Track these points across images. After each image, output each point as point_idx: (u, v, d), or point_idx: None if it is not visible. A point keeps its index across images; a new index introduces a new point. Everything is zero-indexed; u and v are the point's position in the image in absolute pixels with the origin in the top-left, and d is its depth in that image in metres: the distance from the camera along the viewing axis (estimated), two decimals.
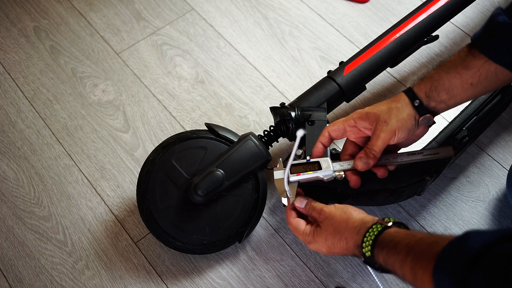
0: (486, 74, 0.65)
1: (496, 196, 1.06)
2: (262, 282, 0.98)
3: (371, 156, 0.74)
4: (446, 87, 0.68)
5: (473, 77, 0.66)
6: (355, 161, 0.77)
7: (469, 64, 0.65)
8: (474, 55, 0.65)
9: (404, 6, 1.35)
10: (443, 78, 0.68)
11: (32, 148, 1.14)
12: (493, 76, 0.65)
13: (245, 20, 1.34)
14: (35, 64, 1.27)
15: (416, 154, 0.78)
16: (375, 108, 0.73)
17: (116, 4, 1.37)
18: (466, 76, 0.66)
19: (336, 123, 0.77)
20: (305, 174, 0.79)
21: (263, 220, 1.04)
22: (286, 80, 1.23)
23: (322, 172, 0.79)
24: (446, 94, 0.68)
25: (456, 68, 0.67)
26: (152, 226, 0.95)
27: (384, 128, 0.71)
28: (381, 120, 0.72)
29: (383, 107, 0.73)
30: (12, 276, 0.99)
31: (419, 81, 0.72)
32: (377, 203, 1.03)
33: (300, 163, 0.81)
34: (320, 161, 0.80)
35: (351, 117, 0.75)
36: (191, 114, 1.19)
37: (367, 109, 0.74)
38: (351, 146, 0.79)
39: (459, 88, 0.67)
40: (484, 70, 0.64)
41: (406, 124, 0.72)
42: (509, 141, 1.13)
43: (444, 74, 0.68)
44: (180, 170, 0.97)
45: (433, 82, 0.69)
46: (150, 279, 0.98)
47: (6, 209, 1.06)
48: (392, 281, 0.97)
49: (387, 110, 0.72)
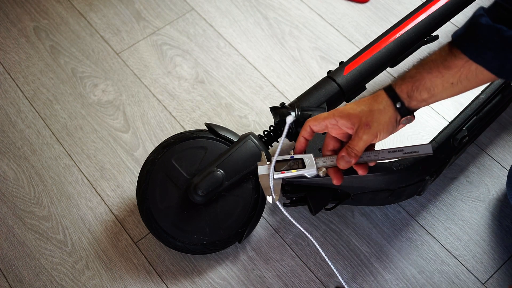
0: (467, 74, 0.66)
1: (496, 196, 1.06)
2: (262, 282, 0.98)
3: (353, 155, 0.75)
4: (427, 87, 0.69)
5: (454, 76, 0.67)
6: (337, 160, 0.77)
7: (450, 64, 0.66)
8: (455, 55, 0.66)
9: (404, 6, 1.35)
10: (424, 78, 0.69)
11: (32, 148, 1.14)
12: (473, 76, 0.66)
13: (245, 20, 1.34)
14: (35, 64, 1.27)
15: (397, 151, 0.78)
16: (357, 108, 0.74)
17: (116, 4, 1.37)
18: (447, 76, 0.67)
19: (318, 118, 0.78)
20: (289, 172, 0.80)
21: (263, 220, 1.04)
22: (286, 80, 1.23)
23: (306, 170, 0.80)
24: (427, 93, 0.70)
25: (437, 68, 0.68)
26: (152, 226, 0.95)
27: (367, 131, 0.72)
28: (363, 122, 0.73)
29: (364, 108, 0.73)
30: (12, 276, 0.99)
31: (400, 81, 0.72)
32: (377, 203, 1.03)
33: (284, 159, 0.81)
34: (304, 158, 0.80)
35: (332, 115, 0.76)
36: (191, 114, 1.19)
37: (349, 108, 0.74)
38: (332, 142, 0.79)
39: (440, 87, 0.68)
40: (465, 70, 0.65)
41: (388, 127, 0.73)
42: (509, 141, 1.13)
43: (426, 73, 0.69)
44: (180, 170, 0.97)
45: (415, 82, 0.70)
46: (150, 279, 0.98)
47: (6, 209, 1.06)
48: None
49: (369, 112, 0.73)
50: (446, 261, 0.99)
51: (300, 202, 1.00)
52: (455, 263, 0.99)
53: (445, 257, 1.00)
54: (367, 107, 0.73)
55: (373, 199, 0.98)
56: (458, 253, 1.00)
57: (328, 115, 0.76)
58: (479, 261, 0.99)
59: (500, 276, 0.98)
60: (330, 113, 0.76)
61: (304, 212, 1.05)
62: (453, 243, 1.01)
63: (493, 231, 1.02)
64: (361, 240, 1.02)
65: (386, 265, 0.99)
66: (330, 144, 0.80)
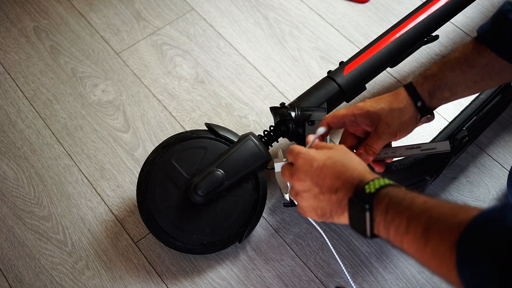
0: (490, 72, 0.64)
1: (496, 196, 1.06)
2: (262, 282, 0.98)
3: (371, 153, 0.74)
4: (449, 85, 0.67)
5: (477, 75, 0.65)
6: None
7: (473, 62, 0.64)
8: (479, 52, 0.64)
9: (404, 6, 1.35)
10: (447, 76, 0.67)
11: (32, 148, 1.14)
12: (497, 74, 0.64)
13: (245, 20, 1.34)
14: (35, 64, 1.27)
15: (414, 148, 0.77)
16: (377, 105, 0.72)
17: (116, 4, 1.37)
18: (470, 74, 0.65)
19: (336, 115, 0.76)
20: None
21: (263, 220, 1.04)
22: (286, 80, 1.23)
23: None
24: (449, 91, 0.68)
25: (460, 66, 0.66)
26: (152, 226, 0.95)
27: (386, 131, 0.71)
28: (383, 122, 0.71)
29: (384, 107, 0.72)
30: (12, 276, 0.99)
31: (422, 79, 0.70)
32: None
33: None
34: None
35: (351, 111, 0.74)
36: (191, 114, 1.19)
37: (368, 106, 0.73)
38: (350, 138, 0.78)
39: (463, 86, 0.67)
40: (489, 68, 0.64)
41: (408, 127, 0.72)
42: (509, 141, 1.13)
43: (448, 72, 0.67)
44: (180, 170, 0.97)
45: (436, 81, 0.68)
46: (150, 279, 0.98)
47: (6, 209, 1.06)
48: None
49: (389, 111, 0.71)
50: None
51: None
52: None
53: None
54: (387, 106, 0.71)
55: None
56: None
57: (347, 112, 0.74)
58: None
59: None
60: (349, 110, 0.74)
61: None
62: None
63: None
64: (361, 240, 1.02)
65: (386, 265, 0.99)
66: (348, 140, 0.78)
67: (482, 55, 0.64)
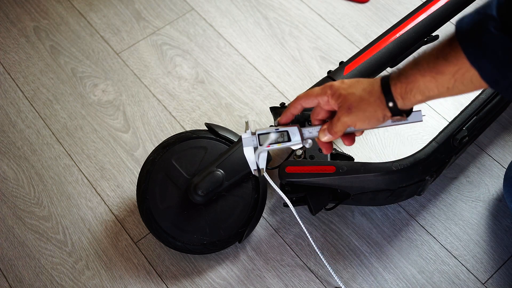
0: (462, 80, 0.62)
1: (496, 196, 1.06)
2: (262, 282, 0.98)
3: (333, 133, 0.74)
4: (421, 90, 0.66)
5: (449, 82, 0.63)
6: (319, 133, 0.76)
7: (443, 69, 0.63)
8: (447, 59, 0.62)
9: (404, 6, 1.35)
10: (418, 80, 0.66)
11: (32, 148, 1.14)
12: (468, 82, 0.63)
13: (245, 20, 1.34)
14: (35, 64, 1.27)
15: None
16: (349, 89, 0.72)
17: (116, 4, 1.37)
18: (441, 81, 0.64)
19: (310, 96, 0.75)
20: (274, 145, 0.78)
21: (263, 220, 1.04)
22: (286, 80, 1.23)
23: (292, 143, 0.78)
24: (421, 95, 0.67)
25: (430, 72, 0.64)
26: (152, 226, 0.95)
27: (345, 114, 0.71)
28: (346, 105, 0.71)
29: (356, 93, 0.71)
30: (12, 276, 0.99)
31: (395, 79, 0.68)
32: (377, 203, 1.03)
33: (268, 132, 0.79)
34: (288, 130, 0.78)
35: (324, 92, 0.73)
36: (191, 114, 1.19)
37: (341, 88, 0.72)
38: (322, 112, 0.76)
39: (435, 91, 0.65)
40: (459, 76, 0.62)
41: (370, 120, 0.71)
42: (509, 141, 1.13)
43: (419, 76, 0.65)
44: (180, 170, 0.97)
45: (408, 84, 0.67)
46: (150, 279, 0.98)
47: (6, 209, 1.06)
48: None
49: (358, 98, 0.70)
50: (446, 261, 0.99)
51: (300, 202, 1.00)
52: (455, 263, 0.99)
53: (445, 257, 1.00)
54: (358, 93, 0.71)
55: (373, 199, 0.98)
56: (458, 253, 1.00)
57: (321, 92, 0.73)
58: (479, 261, 0.99)
59: (500, 276, 0.98)
60: (323, 91, 0.73)
61: (304, 212, 1.05)
62: (453, 243, 1.01)
63: (493, 231, 1.02)
64: (361, 240, 1.02)
65: (386, 265, 0.99)
66: (320, 113, 0.76)
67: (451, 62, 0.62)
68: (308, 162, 0.93)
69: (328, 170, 0.91)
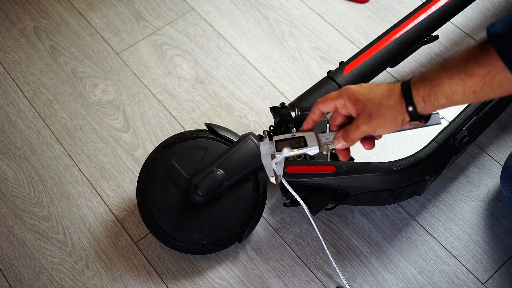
0: (491, 83, 0.61)
1: (496, 196, 1.06)
2: (262, 282, 0.98)
3: (348, 141, 0.73)
4: (446, 93, 0.64)
5: (477, 85, 0.62)
6: (334, 140, 0.75)
7: (473, 71, 0.61)
8: (478, 61, 0.61)
9: (404, 6, 1.35)
10: (444, 83, 0.64)
11: (32, 148, 1.14)
12: (497, 86, 0.61)
13: (245, 20, 1.34)
14: (35, 64, 1.27)
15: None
16: (367, 95, 0.70)
17: (116, 4, 1.37)
18: (469, 84, 0.62)
19: (327, 100, 0.74)
20: (291, 151, 0.77)
21: (263, 220, 1.04)
22: (286, 80, 1.23)
23: (308, 149, 0.77)
24: (446, 99, 0.65)
25: (459, 75, 0.62)
26: (152, 226, 0.95)
27: (366, 122, 0.69)
28: (366, 112, 0.69)
29: (374, 98, 0.69)
30: (12, 276, 0.99)
31: (419, 82, 0.67)
32: (377, 203, 1.03)
33: (285, 138, 0.79)
34: (305, 136, 0.78)
35: (341, 95, 0.72)
36: (191, 114, 1.19)
37: (358, 93, 0.71)
38: (340, 117, 0.75)
39: (460, 95, 0.64)
40: (489, 79, 0.60)
41: (390, 126, 0.69)
42: (509, 141, 1.13)
43: (446, 79, 0.64)
44: (180, 170, 0.97)
45: (433, 87, 0.65)
46: (150, 279, 0.98)
47: (6, 209, 1.06)
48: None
49: (377, 105, 0.69)
50: (446, 261, 0.99)
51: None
52: (455, 263, 0.99)
53: (445, 257, 1.00)
54: (378, 98, 0.69)
55: (373, 199, 0.98)
56: (458, 253, 1.00)
57: (338, 95, 0.72)
58: (479, 261, 0.99)
59: (500, 276, 0.98)
60: (340, 94, 0.72)
61: (304, 212, 1.05)
62: (453, 243, 1.01)
63: (493, 231, 1.02)
64: (361, 240, 1.02)
65: (386, 265, 0.99)
66: (337, 118, 0.75)
67: (484, 62, 0.60)
68: (308, 162, 0.93)
69: (328, 170, 0.91)
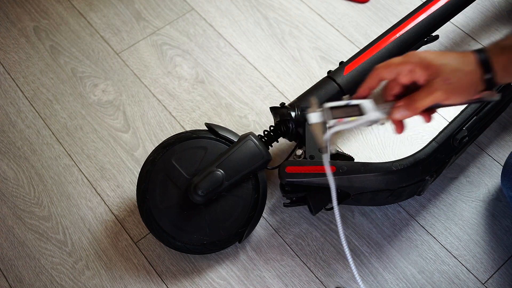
0: None
1: (496, 196, 1.06)
2: (262, 282, 0.98)
3: (412, 109, 0.65)
4: None
5: None
6: (392, 109, 0.67)
7: None
8: None
9: (404, 6, 1.36)
10: None
11: (32, 148, 1.14)
12: None
13: (245, 20, 1.34)
14: (35, 64, 1.27)
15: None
16: (441, 59, 0.64)
17: (116, 4, 1.37)
18: None
19: (390, 65, 0.67)
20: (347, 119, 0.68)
21: (263, 220, 1.04)
22: (286, 80, 1.23)
23: (367, 117, 0.67)
24: None
25: None
26: (152, 226, 0.95)
27: (443, 88, 0.63)
28: (442, 77, 0.63)
29: (449, 64, 0.63)
30: (12, 276, 0.99)
31: (499, 50, 0.62)
32: (377, 203, 1.03)
33: (339, 105, 0.69)
34: (362, 104, 0.68)
35: (408, 61, 0.65)
36: (191, 114, 1.19)
37: (430, 58, 0.64)
38: (397, 87, 0.68)
39: None
40: None
41: (466, 93, 0.64)
42: (509, 141, 1.13)
43: None
44: (180, 170, 0.97)
45: None
46: (150, 279, 0.98)
47: (6, 209, 1.06)
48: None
49: (455, 69, 0.63)
50: (446, 261, 0.99)
51: (300, 202, 1.00)
52: (455, 263, 0.99)
53: (445, 257, 1.00)
54: (453, 63, 0.63)
55: (373, 199, 0.98)
56: (458, 253, 1.00)
57: (404, 60, 0.66)
58: (479, 261, 0.99)
59: (500, 276, 0.98)
60: (407, 59, 0.66)
61: (304, 212, 1.05)
62: (453, 243, 1.01)
63: (493, 231, 1.02)
64: (361, 240, 1.02)
65: (386, 265, 0.99)
66: (395, 88, 0.68)
67: None
68: (308, 162, 0.93)
69: None
